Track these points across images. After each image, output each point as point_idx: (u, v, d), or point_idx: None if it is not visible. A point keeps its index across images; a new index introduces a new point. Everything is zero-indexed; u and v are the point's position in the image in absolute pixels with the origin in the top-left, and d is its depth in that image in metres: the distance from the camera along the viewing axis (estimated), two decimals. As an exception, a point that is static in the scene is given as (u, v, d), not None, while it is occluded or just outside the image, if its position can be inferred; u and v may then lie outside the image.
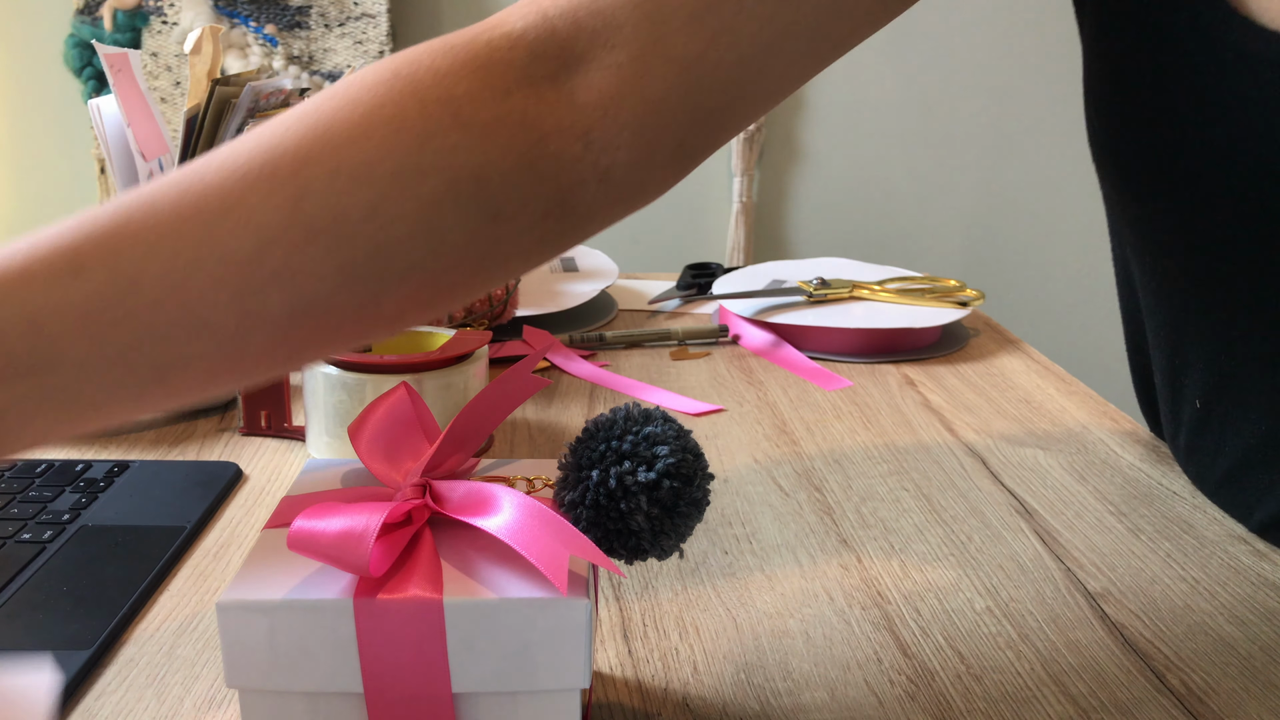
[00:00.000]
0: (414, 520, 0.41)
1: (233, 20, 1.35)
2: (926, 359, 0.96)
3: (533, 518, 0.39)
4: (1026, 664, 0.52)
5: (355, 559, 0.38)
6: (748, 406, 0.85)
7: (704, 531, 0.64)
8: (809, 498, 0.69)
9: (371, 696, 0.39)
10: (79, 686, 0.49)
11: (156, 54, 1.35)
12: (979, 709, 0.49)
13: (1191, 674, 0.51)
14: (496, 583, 0.39)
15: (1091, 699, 0.49)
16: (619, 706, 0.49)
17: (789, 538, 0.64)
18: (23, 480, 0.67)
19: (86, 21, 1.34)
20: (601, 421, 0.42)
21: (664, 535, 0.41)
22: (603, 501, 0.41)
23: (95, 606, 0.54)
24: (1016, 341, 1.02)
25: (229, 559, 0.61)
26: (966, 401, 0.86)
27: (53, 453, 0.74)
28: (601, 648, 0.53)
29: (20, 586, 0.56)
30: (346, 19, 1.36)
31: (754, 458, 0.75)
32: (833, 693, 0.50)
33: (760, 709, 0.48)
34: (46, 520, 0.62)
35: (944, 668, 0.52)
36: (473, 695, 0.40)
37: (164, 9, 1.34)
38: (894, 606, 0.57)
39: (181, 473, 0.70)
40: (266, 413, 0.76)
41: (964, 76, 1.48)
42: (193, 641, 0.53)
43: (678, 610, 0.56)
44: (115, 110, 1.04)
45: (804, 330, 0.97)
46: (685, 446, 0.42)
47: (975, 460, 0.75)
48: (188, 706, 0.48)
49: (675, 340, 0.99)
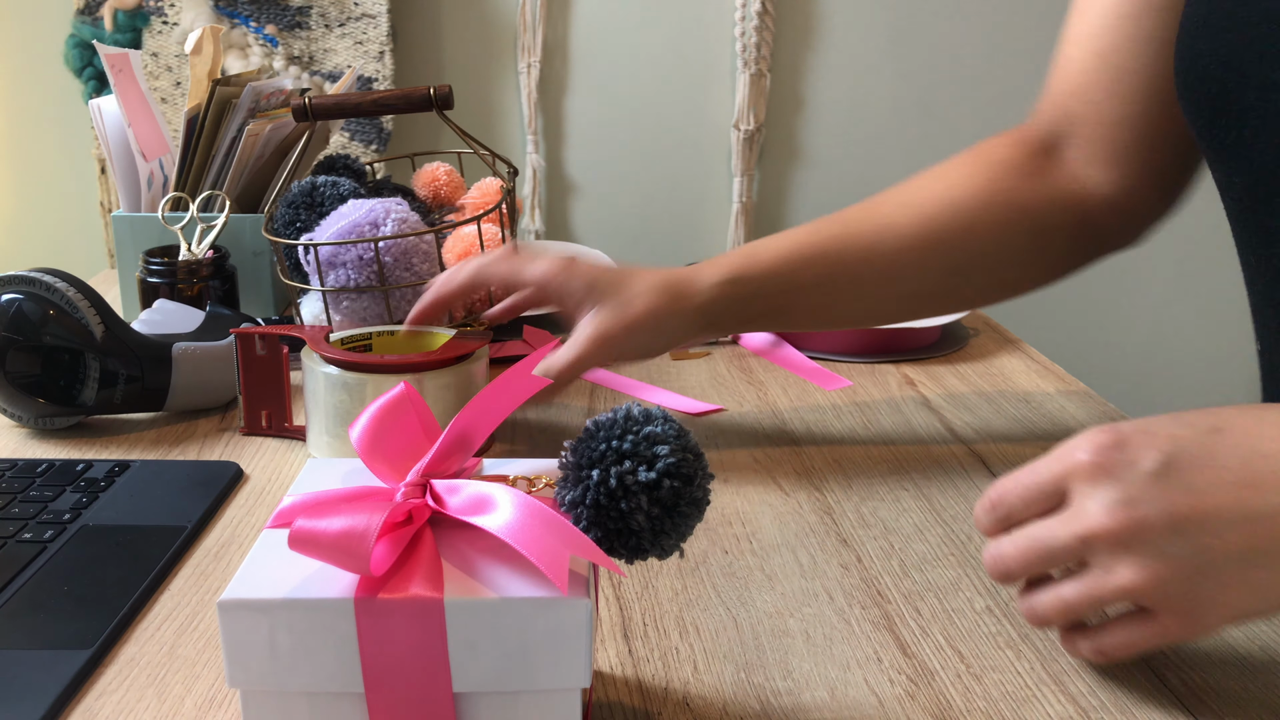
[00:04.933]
0: (414, 520, 0.41)
1: (233, 20, 1.35)
2: (926, 359, 0.96)
3: (533, 517, 0.39)
4: (1026, 664, 0.52)
5: (356, 558, 0.38)
6: (748, 406, 0.85)
7: (704, 531, 0.64)
8: (809, 498, 0.69)
9: (372, 696, 0.39)
10: (79, 686, 0.49)
11: (157, 54, 1.35)
12: (979, 709, 0.49)
13: (1191, 674, 0.51)
14: (497, 582, 0.39)
15: (1091, 699, 0.49)
16: (619, 706, 0.49)
17: (789, 538, 0.64)
18: (23, 480, 0.67)
19: (87, 21, 1.34)
20: (602, 421, 0.42)
21: (664, 535, 0.41)
22: (603, 501, 0.41)
23: (96, 606, 0.54)
24: (1016, 341, 1.02)
25: (229, 559, 0.61)
26: (966, 401, 0.86)
27: (53, 453, 0.74)
28: (601, 647, 0.53)
29: (21, 586, 0.56)
30: (347, 19, 1.36)
31: (754, 458, 0.75)
32: (833, 692, 0.50)
33: (760, 709, 0.48)
34: (47, 520, 0.62)
35: (944, 668, 0.52)
36: (473, 695, 0.40)
37: (164, 9, 1.34)
38: (894, 606, 0.57)
39: (182, 473, 0.70)
40: (267, 412, 0.77)
41: (964, 76, 1.48)
42: (193, 641, 0.53)
43: (678, 610, 0.56)
44: (116, 110, 1.04)
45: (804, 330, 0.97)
46: (685, 446, 0.42)
47: (975, 460, 0.75)
48: (188, 706, 0.48)
49: (675, 340, 0.99)
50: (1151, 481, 0.45)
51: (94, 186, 1.40)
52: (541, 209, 1.47)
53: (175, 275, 0.93)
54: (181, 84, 1.36)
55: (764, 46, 1.42)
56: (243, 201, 1.07)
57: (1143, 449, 0.46)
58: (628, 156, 1.48)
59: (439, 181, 0.96)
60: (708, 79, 1.45)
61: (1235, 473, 0.44)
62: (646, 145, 1.47)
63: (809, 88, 1.47)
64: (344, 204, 0.83)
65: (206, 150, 1.04)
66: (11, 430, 0.78)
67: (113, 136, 1.05)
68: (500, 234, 0.85)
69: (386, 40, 1.37)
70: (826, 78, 1.47)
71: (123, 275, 1.04)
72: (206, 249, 0.96)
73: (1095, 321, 1.57)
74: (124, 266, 1.04)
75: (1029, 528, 0.48)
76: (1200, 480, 0.45)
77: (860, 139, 1.50)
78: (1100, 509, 0.45)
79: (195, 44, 1.04)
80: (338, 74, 1.37)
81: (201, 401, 0.80)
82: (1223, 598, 0.45)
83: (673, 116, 1.46)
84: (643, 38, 1.44)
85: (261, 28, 1.36)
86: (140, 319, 0.85)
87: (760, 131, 1.46)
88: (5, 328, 0.73)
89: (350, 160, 0.97)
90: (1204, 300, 1.57)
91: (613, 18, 1.43)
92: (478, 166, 1.38)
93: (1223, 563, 0.44)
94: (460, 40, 1.43)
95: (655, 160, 1.48)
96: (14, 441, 0.76)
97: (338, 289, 0.79)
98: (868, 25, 1.46)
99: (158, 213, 1.00)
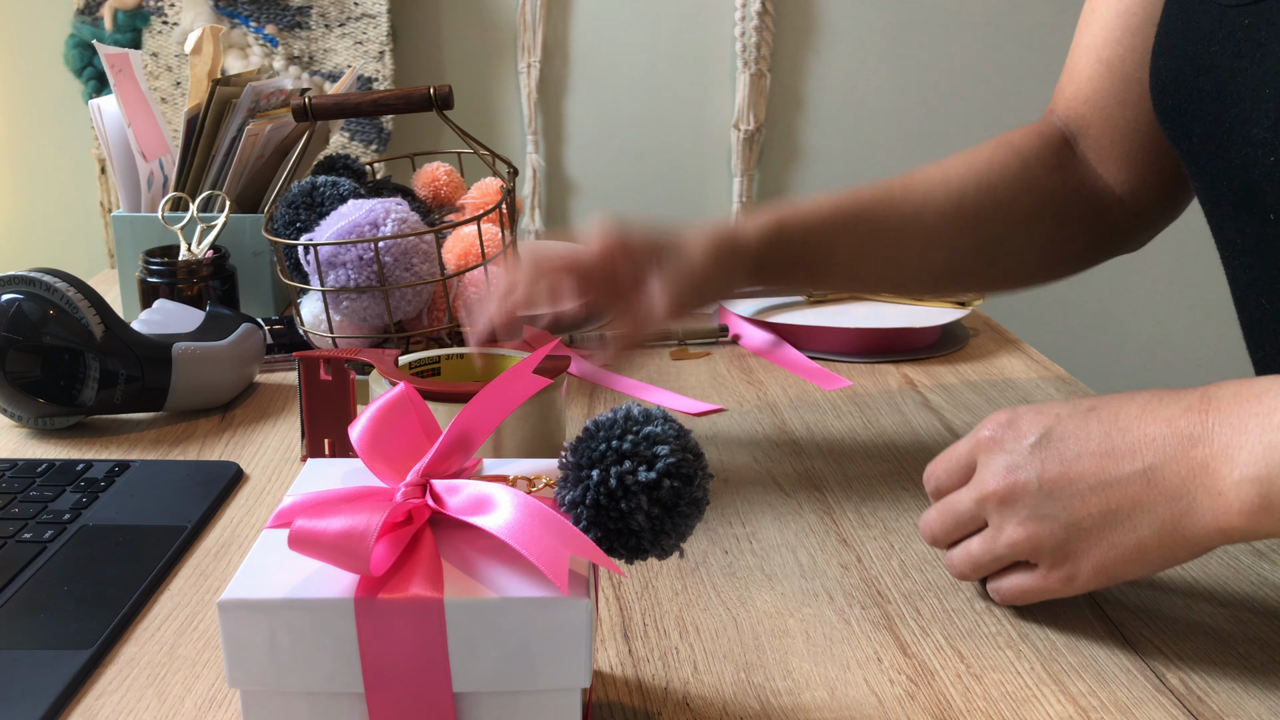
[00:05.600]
0: (415, 520, 0.41)
1: (233, 20, 1.35)
2: (926, 359, 0.96)
3: (533, 517, 0.39)
4: (1026, 664, 0.52)
5: (356, 558, 0.38)
6: (748, 406, 0.85)
7: (704, 531, 0.64)
8: (809, 498, 0.69)
9: (372, 696, 0.39)
10: (79, 686, 0.49)
11: (157, 54, 1.35)
12: (979, 709, 0.49)
13: (1191, 674, 0.51)
14: (497, 582, 0.39)
15: (1091, 699, 0.49)
16: (619, 706, 0.49)
17: (789, 538, 0.64)
18: (24, 480, 0.67)
19: (87, 21, 1.34)
20: (602, 421, 0.42)
21: (664, 535, 0.41)
22: (603, 501, 0.41)
23: (96, 606, 0.54)
24: (1016, 341, 1.02)
25: (229, 559, 0.61)
26: (966, 401, 0.86)
27: (53, 453, 0.74)
28: (601, 647, 0.53)
29: (21, 586, 0.56)
30: (347, 19, 1.36)
31: (754, 458, 0.75)
32: (833, 692, 0.50)
33: (760, 709, 0.48)
34: (47, 520, 0.62)
35: (944, 668, 0.52)
36: (473, 694, 0.40)
37: (164, 9, 1.34)
38: (894, 606, 0.57)
39: (182, 473, 0.70)
40: (331, 440, 0.72)
41: (963, 76, 1.48)
42: (193, 641, 0.53)
43: (678, 610, 0.56)
44: (116, 110, 1.04)
45: (804, 330, 0.97)
46: (685, 446, 0.42)
47: (975, 460, 0.75)
48: (188, 706, 0.48)
49: (675, 340, 0.99)
50: (1031, 451, 0.52)
51: (94, 186, 1.40)
52: (541, 209, 1.47)
53: (175, 275, 0.93)
54: (181, 84, 1.36)
55: (764, 46, 1.43)
56: (243, 201, 1.07)
57: (1029, 424, 0.53)
58: (628, 156, 1.48)
59: (439, 181, 0.96)
60: (708, 79, 1.45)
61: (1098, 443, 0.50)
62: (646, 145, 1.47)
63: (809, 88, 1.47)
64: (344, 204, 0.83)
65: (206, 150, 1.04)
66: (11, 430, 0.78)
67: (113, 136, 1.05)
68: (500, 234, 0.85)
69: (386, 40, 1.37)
70: (826, 78, 1.47)
71: (123, 275, 1.04)
72: (206, 249, 0.96)
73: (1095, 321, 1.57)
74: (124, 266, 1.04)
75: (947, 497, 0.56)
76: (1069, 450, 0.51)
77: (860, 139, 1.50)
78: (991, 475, 0.53)
79: (195, 44, 1.04)
80: (338, 74, 1.37)
81: (201, 401, 0.80)
82: (1090, 554, 0.51)
83: (673, 116, 1.46)
84: (642, 38, 1.44)
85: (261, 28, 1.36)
86: (140, 319, 0.85)
87: (760, 131, 1.46)
88: (5, 328, 0.73)
89: (350, 160, 0.97)
90: (1203, 300, 1.57)
91: (612, 18, 1.43)
92: (478, 166, 1.38)
93: (1088, 524, 0.50)
94: (460, 40, 1.43)
95: (655, 160, 1.48)
96: (14, 441, 0.76)
97: (338, 289, 0.79)
98: (868, 25, 1.46)
99: (158, 213, 1.01)
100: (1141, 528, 0.49)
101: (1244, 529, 0.46)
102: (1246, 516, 0.46)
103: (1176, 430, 0.48)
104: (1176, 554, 0.49)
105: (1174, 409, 0.49)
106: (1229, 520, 0.46)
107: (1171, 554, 0.49)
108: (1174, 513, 0.48)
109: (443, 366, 0.69)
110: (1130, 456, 0.49)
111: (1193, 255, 1.52)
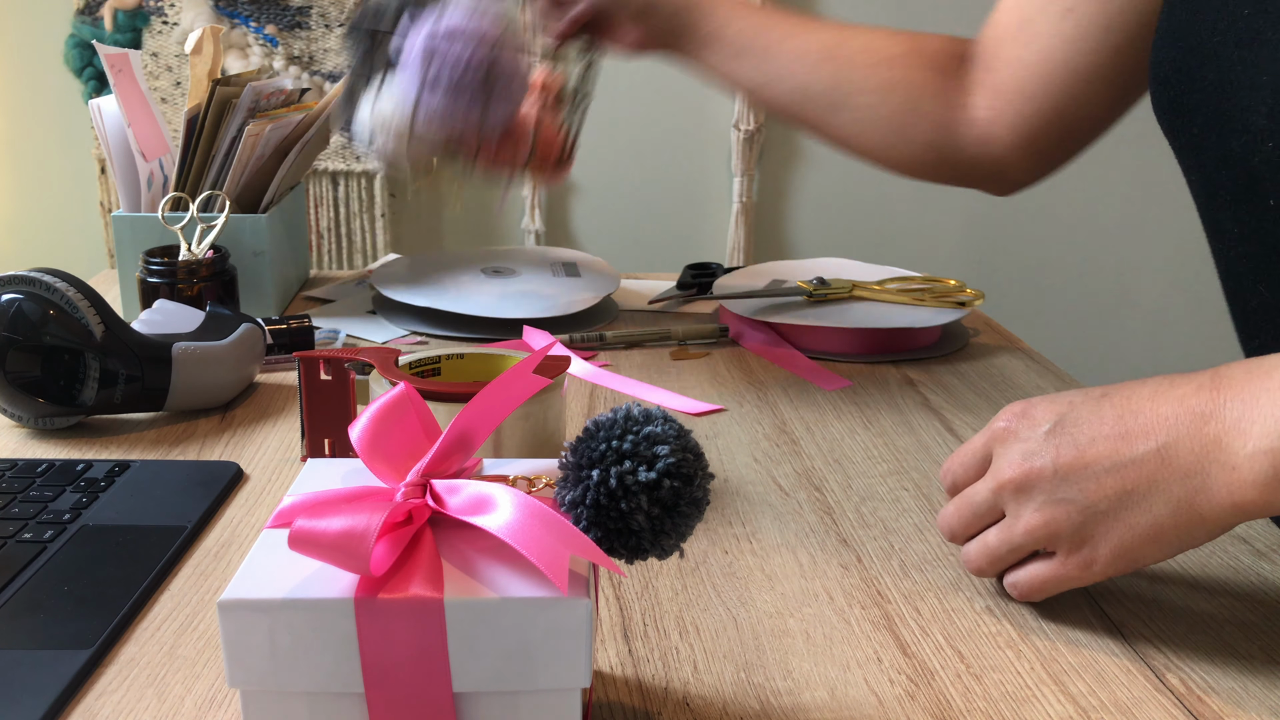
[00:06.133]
0: (414, 520, 0.41)
1: (233, 20, 1.35)
2: (926, 359, 0.96)
3: (533, 517, 0.39)
4: (1026, 664, 0.52)
5: (356, 558, 0.38)
6: (748, 406, 0.85)
7: (704, 531, 0.64)
8: (809, 498, 0.69)
9: (372, 696, 0.39)
10: (79, 686, 0.49)
11: (157, 54, 1.35)
12: (979, 709, 0.49)
13: (1191, 674, 0.51)
14: (497, 582, 0.39)
15: (1091, 699, 0.49)
16: (619, 706, 0.49)
17: (789, 538, 0.64)
18: (23, 480, 0.67)
19: (87, 21, 1.34)
20: (602, 421, 0.42)
21: (664, 535, 0.41)
22: (603, 501, 0.41)
23: (96, 606, 0.54)
24: (1016, 341, 1.02)
25: (229, 559, 0.61)
26: (966, 401, 0.86)
27: (53, 453, 0.74)
28: (601, 647, 0.53)
29: (21, 586, 0.56)
30: (347, 19, 1.36)
31: (754, 458, 0.75)
32: (833, 692, 0.50)
33: (760, 709, 0.48)
34: (47, 520, 0.62)
35: (944, 667, 0.52)
36: (473, 695, 0.40)
37: (164, 9, 1.34)
38: (894, 606, 0.57)
39: (182, 473, 0.70)
40: (331, 440, 0.72)
41: (964, 77, 1.48)
42: (193, 641, 0.53)
43: (678, 610, 0.56)
44: (115, 110, 1.04)
45: (804, 330, 0.97)
46: (686, 446, 0.42)
47: (975, 460, 0.75)
48: (188, 706, 0.48)
49: (675, 340, 0.99)
50: (1046, 438, 0.53)
51: (94, 186, 1.40)
52: (541, 209, 1.47)
53: (175, 275, 0.93)
54: (181, 84, 1.36)
55: (764, 46, 1.42)
56: (243, 201, 1.07)
57: (1043, 413, 0.54)
58: (628, 156, 1.47)
59: None
60: (708, 79, 1.45)
61: (1112, 426, 0.51)
62: (646, 145, 1.47)
63: (809, 88, 1.47)
64: None
65: (206, 150, 1.04)
66: (11, 430, 0.78)
67: (113, 136, 1.05)
68: None
69: (386, 40, 1.37)
70: (826, 78, 1.47)
71: (123, 275, 1.04)
72: (206, 249, 0.96)
73: (1095, 321, 1.57)
74: (124, 266, 1.04)
75: (964, 490, 0.56)
76: (1083, 435, 0.52)
77: (860, 139, 1.49)
78: (1006, 464, 0.53)
79: (195, 44, 1.04)
80: (338, 74, 1.37)
81: (201, 401, 0.80)
82: (1107, 537, 0.51)
83: (673, 116, 1.46)
84: (643, 38, 1.44)
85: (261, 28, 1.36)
86: (140, 319, 0.85)
87: (760, 131, 1.45)
88: (5, 328, 0.73)
89: None
90: (1203, 300, 1.57)
91: (613, 18, 1.43)
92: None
93: (1104, 506, 0.51)
94: (460, 40, 1.43)
95: (655, 160, 1.48)
96: (14, 441, 0.76)
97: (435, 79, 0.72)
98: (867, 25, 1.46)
99: (158, 213, 1.00)
100: (1157, 506, 0.49)
101: (1259, 502, 0.47)
102: (1260, 489, 0.46)
103: (1188, 408, 0.49)
104: (1194, 533, 0.50)
105: (1185, 389, 0.50)
106: (1243, 494, 0.47)
107: (1189, 533, 0.50)
108: (1189, 489, 0.49)
109: (443, 366, 0.69)
110: (1143, 436, 0.50)
111: (1194, 255, 1.52)
